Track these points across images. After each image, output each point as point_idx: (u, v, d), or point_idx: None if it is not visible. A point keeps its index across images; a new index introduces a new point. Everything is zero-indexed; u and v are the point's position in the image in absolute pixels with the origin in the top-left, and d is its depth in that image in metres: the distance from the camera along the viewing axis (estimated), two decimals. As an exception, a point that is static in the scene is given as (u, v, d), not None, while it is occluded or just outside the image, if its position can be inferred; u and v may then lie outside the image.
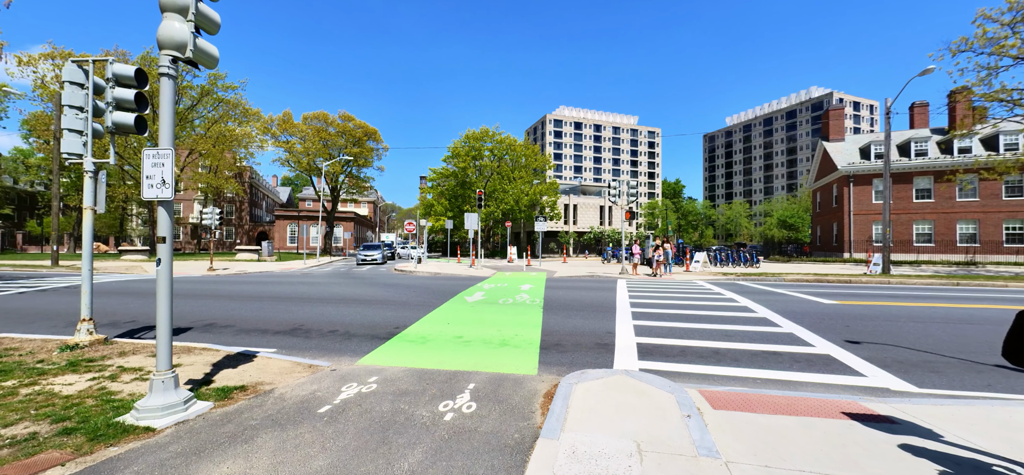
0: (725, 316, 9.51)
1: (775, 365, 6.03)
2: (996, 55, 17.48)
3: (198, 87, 34.89)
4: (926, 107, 37.72)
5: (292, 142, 47.50)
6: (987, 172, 21.16)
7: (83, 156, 6.52)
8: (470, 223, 25.63)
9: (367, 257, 32.73)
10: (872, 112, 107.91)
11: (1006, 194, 31.65)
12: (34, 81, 28.94)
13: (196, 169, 38.32)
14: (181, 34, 4.04)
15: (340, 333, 7.91)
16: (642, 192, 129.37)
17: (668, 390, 4.55)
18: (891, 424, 3.85)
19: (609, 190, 26.21)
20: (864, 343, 7.21)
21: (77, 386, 4.79)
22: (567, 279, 19.00)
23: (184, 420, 3.92)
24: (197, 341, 7.21)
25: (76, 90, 6.35)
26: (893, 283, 17.61)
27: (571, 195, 60.47)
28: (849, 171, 35.60)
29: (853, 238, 35.46)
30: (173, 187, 4.15)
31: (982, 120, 20.39)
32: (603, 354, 6.56)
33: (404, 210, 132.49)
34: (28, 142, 46.76)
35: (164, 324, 4.09)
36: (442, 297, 12.63)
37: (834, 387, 5.19)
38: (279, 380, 5.09)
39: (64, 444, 3.44)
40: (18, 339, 7.00)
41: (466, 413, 4.13)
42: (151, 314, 9.71)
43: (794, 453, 3.30)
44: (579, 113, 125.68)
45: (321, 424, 3.85)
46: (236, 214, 61.75)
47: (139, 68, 6.22)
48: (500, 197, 45.86)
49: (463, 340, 7.29)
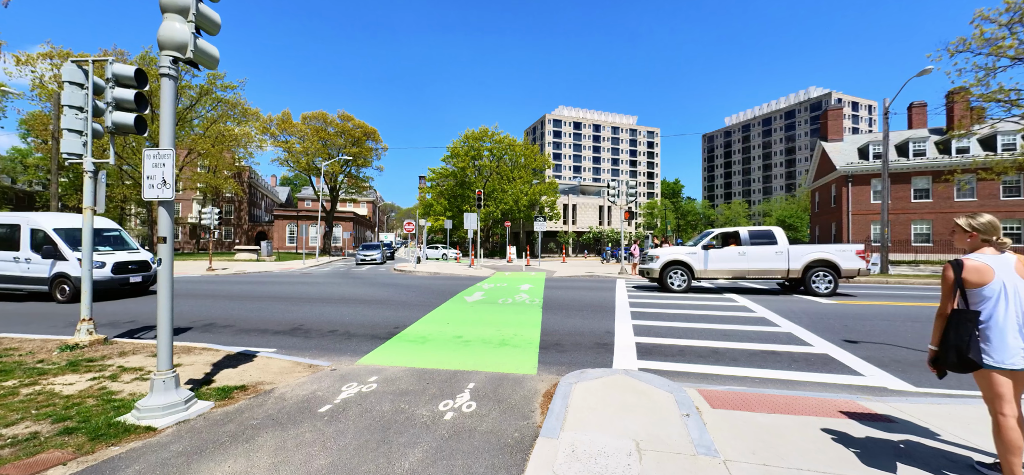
0: (724, 316, 9.54)
1: (773, 364, 6.05)
2: (994, 56, 17.51)
3: (197, 87, 34.82)
4: (924, 107, 37.81)
5: (291, 142, 47.48)
6: (985, 172, 21.21)
7: (83, 156, 6.52)
8: (469, 223, 25.64)
9: (366, 257, 32.74)
10: (871, 112, 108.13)
11: (1004, 194, 31.76)
12: (32, 81, 28.86)
13: (195, 169, 38.26)
14: (182, 35, 4.05)
15: (340, 333, 7.92)
16: (641, 192, 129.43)
17: (667, 389, 4.57)
18: (889, 423, 3.88)
19: (608, 190, 26.22)
20: (862, 342, 7.24)
21: (78, 386, 4.80)
22: (566, 279, 19.02)
23: (185, 420, 3.93)
24: (197, 341, 7.22)
25: (76, 90, 6.35)
26: (891, 283, 17.66)
27: (570, 195, 60.50)
28: (848, 171, 35.67)
29: (851, 238, 35.51)
30: (174, 187, 4.16)
31: (980, 120, 20.44)
32: (602, 354, 6.57)
33: (403, 210, 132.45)
34: (26, 142, 46.70)
35: (165, 324, 4.10)
36: (441, 297, 12.64)
37: (832, 386, 5.21)
38: (279, 380, 5.10)
39: (65, 444, 3.45)
40: (18, 339, 7.00)
41: (466, 412, 4.14)
42: (150, 314, 9.71)
43: (792, 452, 3.33)
44: (578, 113, 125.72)
45: (322, 424, 3.86)
46: (235, 214, 61.68)
47: (139, 68, 6.22)
48: (499, 197, 45.87)
49: (463, 340, 7.30)
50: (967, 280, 2.74)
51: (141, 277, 12.80)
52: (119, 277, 12.14)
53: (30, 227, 11.71)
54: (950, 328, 2.76)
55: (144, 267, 12.97)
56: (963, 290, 2.77)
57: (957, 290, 2.79)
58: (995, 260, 2.74)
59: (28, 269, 11.58)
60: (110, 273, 11.95)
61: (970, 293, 2.75)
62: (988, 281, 2.69)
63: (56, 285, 11.46)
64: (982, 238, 2.84)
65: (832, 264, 12.75)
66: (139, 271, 12.81)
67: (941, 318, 2.87)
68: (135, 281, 12.64)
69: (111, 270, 11.99)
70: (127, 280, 12.38)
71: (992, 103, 18.56)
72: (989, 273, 2.70)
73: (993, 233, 2.82)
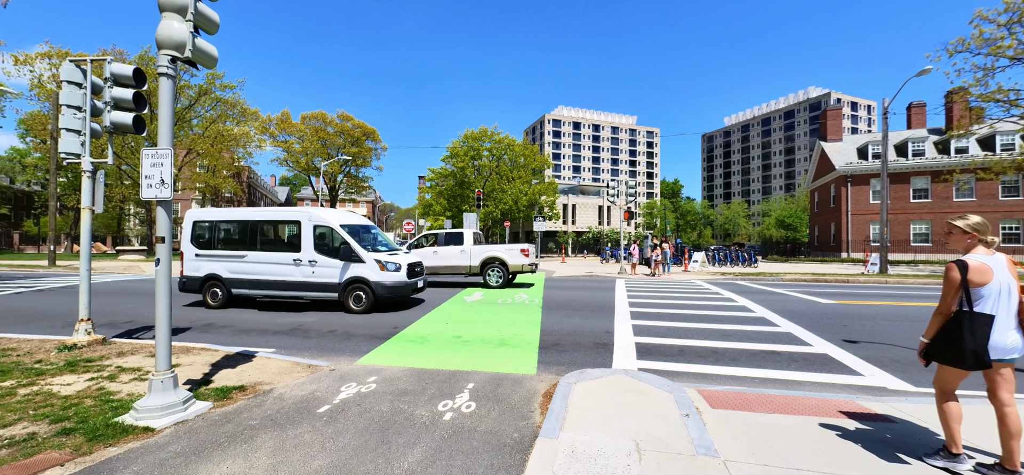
0: (723, 316, 9.54)
1: (773, 364, 6.05)
2: (993, 56, 17.55)
3: (196, 86, 34.77)
4: (923, 107, 37.87)
5: (290, 142, 47.45)
6: (984, 172, 21.25)
7: (81, 156, 6.50)
8: (469, 223, 25.62)
9: None
10: (870, 112, 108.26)
11: (1003, 194, 31.82)
12: (31, 80, 28.82)
13: (194, 169, 38.21)
14: (180, 34, 4.03)
15: (339, 333, 7.90)
16: (640, 192, 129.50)
17: (667, 389, 4.56)
18: (888, 423, 3.87)
19: (608, 190, 26.23)
20: (862, 342, 7.24)
21: (75, 386, 4.78)
22: (566, 279, 19.01)
23: (183, 420, 3.92)
24: (196, 341, 7.20)
25: (74, 90, 6.33)
26: (890, 283, 17.67)
27: (570, 195, 60.52)
28: (847, 171, 35.70)
29: (851, 238, 35.57)
30: (172, 187, 4.15)
31: (979, 120, 20.50)
32: (602, 353, 6.57)
33: (403, 210, 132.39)
34: (25, 142, 46.61)
35: (163, 324, 4.09)
36: (441, 297, 12.63)
37: (832, 386, 5.21)
38: (278, 380, 5.09)
39: (63, 444, 3.43)
40: (16, 339, 6.98)
41: (465, 413, 4.14)
42: (149, 314, 9.68)
43: (792, 452, 3.32)
44: (578, 113, 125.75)
45: (320, 424, 3.85)
46: (234, 214, 61.47)
47: (137, 68, 6.22)
48: (499, 197, 45.87)
49: (462, 340, 7.30)
50: (972, 280, 2.84)
51: (422, 281, 11.10)
52: (411, 281, 10.34)
53: (313, 223, 10.08)
54: (964, 331, 2.84)
55: (421, 269, 11.27)
56: (967, 290, 2.86)
57: (963, 290, 2.88)
58: (992, 260, 2.89)
59: (313, 274, 9.93)
60: (405, 277, 10.12)
61: (973, 292, 2.85)
62: (989, 280, 2.81)
63: (349, 292, 9.77)
64: (979, 238, 2.96)
65: (502, 260, 14.98)
66: (422, 274, 11.17)
67: (941, 315, 2.98)
68: (420, 286, 11.01)
69: (406, 274, 10.18)
70: (416, 285, 10.65)
71: (991, 103, 18.60)
72: (989, 273, 2.82)
73: (986, 233, 2.96)
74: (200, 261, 10.72)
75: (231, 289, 10.44)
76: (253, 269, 10.36)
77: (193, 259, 10.78)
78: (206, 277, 10.57)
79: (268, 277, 10.25)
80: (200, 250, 10.80)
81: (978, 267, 2.85)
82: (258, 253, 10.43)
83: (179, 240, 11.99)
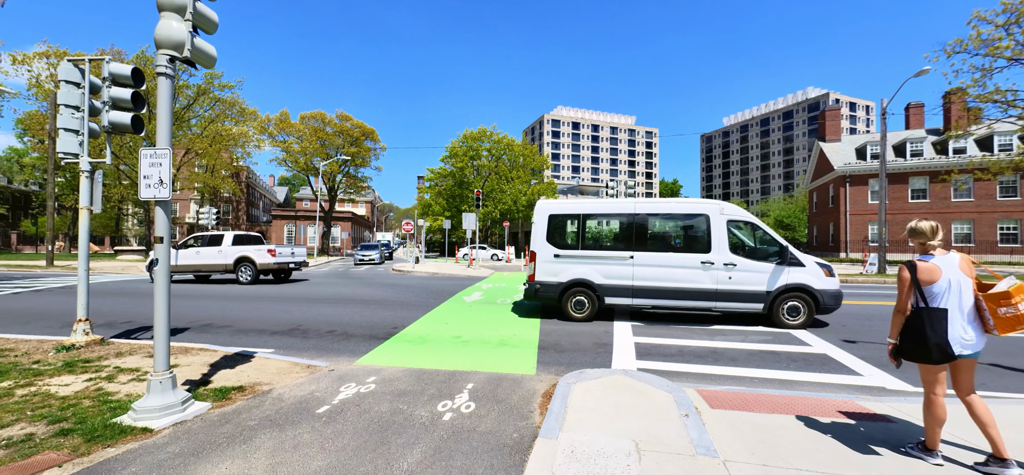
0: (723, 316, 9.54)
1: (772, 364, 6.06)
2: (991, 57, 17.58)
3: (194, 86, 34.65)
4: (922, 108, 37.95)
5: (289, 142, 47.31)
6: (982, 172, 21.29)
7: (79, 156, 6.48)
8: (468, 223, 25.61)
9: (365, 257, 32.73)
10: (868, 113, 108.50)
11: (1000, 194, 31.89)
12: (29, 80, 28.68)
13: (193, 169, 38.10)
14: (179, 33, 4.02)
15: (338, 333, 7.89)
16: (640, 192, 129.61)
17: (666, 389, 4.56)
18: (887, 423, 3.88)
19: (607, 190, 26.21)
20: (860, 342, 7.25)
21: (74, 387, 4.77)
22: (565, 279, 18.98)
23: (182, 421, 3.91)
24: (194, 341, 7.18)
25: (72, 89, 6.31)
26: (889, 282, 17.71)
27: (569, 195, 60.54)
28: (845, 171, 35.78)
29: (849, 238, 35.65)
30: (171, 187, 4.14)
31: (977, 121, 20.53)
32: (601, 354, 6.57)
33: (402, 210, 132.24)
34: (23, 141, 46.45)
35: (162, 324, 4.07)
36: (440, 297, 12.62)
37: (831, 386, 5.22)
38: (277, 380, 5.08)
39: (61, 445, 3.42)
40: (13, 340, 6.95)
41: (465, 413, 4.13)
42: (147, 314, 9.66)
43: (791, 452, 3.32)
44: (577, 113, 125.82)
45: (320, 424, 3.84)
46: (233, 214, 61.52)
47: (136, 67, 6.20)
48: (498, 197, 45.90)
49: (461, 340, 7.29)
50: (921, 279, 3.08)
51: None
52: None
53: (726, 219, 8.52)
54: (925, 327, 3.04)
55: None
56: (920, 288, 3.06)
57: (915, 288, 3.09)
58: (943, 260, 3.09)
59: (729, 281, 8.33)
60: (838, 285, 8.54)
61: (925, 290, 3.08)
62: (937, 278, 3.05)
63: (781, 303, 8.21)
64: (929, 242, 3.16)
65: (251, 260, 16.33)
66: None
67: (899, 313, 3.22)
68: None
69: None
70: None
71: (989, 104, 18.63)
72: (937, 271, 3.06)
73: (934, 236, 3.14)
74: (561, 264, 9.02)
75: (604, 298, 8.85)
76: (642, 273, 8.68)
77: (551, 260, 9.06)
78: (569, 283, 8.91)
79: (663, 283, 8.61)
80: (561, 250, 9.13)
81: (926, 267, 3.08)
82: (649, 254, 8.74)
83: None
